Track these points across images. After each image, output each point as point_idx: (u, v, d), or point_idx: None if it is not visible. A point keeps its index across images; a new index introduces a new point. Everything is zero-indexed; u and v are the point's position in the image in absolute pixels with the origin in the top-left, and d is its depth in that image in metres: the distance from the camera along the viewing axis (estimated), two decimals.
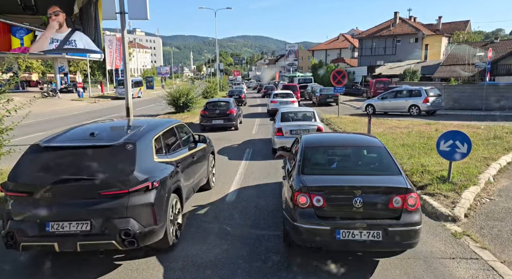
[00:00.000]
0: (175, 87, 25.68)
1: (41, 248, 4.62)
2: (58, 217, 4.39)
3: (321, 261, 4.79)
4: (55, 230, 4.37)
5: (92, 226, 4.37)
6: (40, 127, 19.53)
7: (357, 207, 4.42)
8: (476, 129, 14.22)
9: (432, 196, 6.94)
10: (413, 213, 4.44)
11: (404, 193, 4.46)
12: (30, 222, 4.41)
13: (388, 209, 4.45)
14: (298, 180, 4.78)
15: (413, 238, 4.42)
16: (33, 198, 4.43)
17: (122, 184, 4.47)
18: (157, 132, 5.58)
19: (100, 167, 4.53)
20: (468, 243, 5.26)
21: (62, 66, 52.55)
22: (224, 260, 4.92)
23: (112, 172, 4.53)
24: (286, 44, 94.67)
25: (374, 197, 4.52)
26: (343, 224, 4.40)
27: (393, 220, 4.41)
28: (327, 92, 29.58)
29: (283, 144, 9.98)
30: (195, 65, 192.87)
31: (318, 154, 5.63)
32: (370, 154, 5.58)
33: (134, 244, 4.44)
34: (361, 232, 4.36)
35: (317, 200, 4.50)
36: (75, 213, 4.40)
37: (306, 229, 4.47)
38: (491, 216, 6.25)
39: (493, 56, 26.50)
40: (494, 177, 8.22)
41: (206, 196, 7.51)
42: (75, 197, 4.42)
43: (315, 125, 11.27)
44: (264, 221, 6.20)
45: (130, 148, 4.76)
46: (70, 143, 4.96)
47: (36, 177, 4.59)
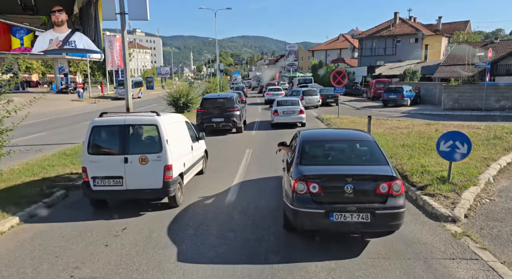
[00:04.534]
0: (175, 87, 25.67)
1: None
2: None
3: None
4: None
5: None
6: (42, 127, 19.55)
7: (349, 193, 4.97)
8: (476, 129, 14.22)
9: (432, 197, 6.94)
10: (398, 197, 5.03)
11: (390, 180, 5.03)
12: None
13: (376, 194, 5.02)
14: (297, 170, 5.36)
15: (397, 220, 5.03)
16: None
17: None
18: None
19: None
20: (468, 244, 5.26)
21: (62, 67, 52.51)
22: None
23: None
24: (286, 44, 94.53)
25: (364, 184, 5.09)
26: (336, 208, 4.96)
27: (380, 204, 4.97)
28: (327, 92, 29.59)
29: (279, 120, 17.55)
30: (195, 65, 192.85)
31: (315, 147, 6.26)
32: (361, 147, 6.18)
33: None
34: (351, 215, 4.93)
35: (313, 187, 5.06)
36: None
37: (304, 212, 5.04)
38: (491, 217, 6.25)
39: (493, 56, 26.44)
40: (494, 178, 8.23)
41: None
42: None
43: (299, 108, 17.61)
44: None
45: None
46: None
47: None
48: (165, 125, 6.95)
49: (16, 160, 9.39)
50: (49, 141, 14.63)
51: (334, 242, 5.40)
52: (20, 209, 6.71)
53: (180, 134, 7.89)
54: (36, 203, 7.04)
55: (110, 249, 5.34)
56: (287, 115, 17.57)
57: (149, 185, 6.68)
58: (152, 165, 6.66)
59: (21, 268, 4.82)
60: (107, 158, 6.74)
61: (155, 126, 6.83)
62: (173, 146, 6.98)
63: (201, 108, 16.55)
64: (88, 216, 6.73)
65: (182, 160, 7.48)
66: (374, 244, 5.32)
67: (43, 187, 7.84)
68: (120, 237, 5.76)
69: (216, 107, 16.25)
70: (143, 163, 6.64)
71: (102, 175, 6.64)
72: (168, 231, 5.95)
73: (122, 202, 7.35)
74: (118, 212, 6.87)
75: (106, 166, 6.67)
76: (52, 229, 6.10)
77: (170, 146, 6.85)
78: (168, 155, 6.72)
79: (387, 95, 27.80)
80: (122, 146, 6.72)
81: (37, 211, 6.83)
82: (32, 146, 8.85)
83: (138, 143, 7.16)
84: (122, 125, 6.79)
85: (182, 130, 8.14)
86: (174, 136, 7.26)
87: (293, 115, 17.53)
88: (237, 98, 17.95)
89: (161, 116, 7.13)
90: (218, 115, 16.02)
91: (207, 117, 16.05)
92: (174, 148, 7.00)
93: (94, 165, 6.66)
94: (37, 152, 9.79)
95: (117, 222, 6.37)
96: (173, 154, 6.88)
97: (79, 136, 15.59)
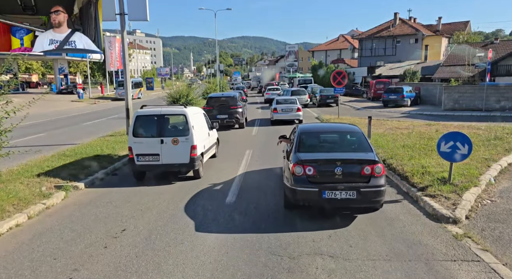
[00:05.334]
0: (175, 88, 25.67)
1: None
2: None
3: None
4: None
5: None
6: (41, 127, 19.51)
7: (338, 174, 6.00)
8: (476, 130, 14.18)
9: (433, 198, 6.90)
10: (379, 178, 6.05)
11: (373, 164, 6.06)
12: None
13: (361, 175, 6.04)
14: (295, 156, 6.42)
15: (379, 196, 6.06)
16: None
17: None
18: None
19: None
20: (470, 245, 5.22)
21: (62, 67, 52.50)
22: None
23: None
24: (286, 44, 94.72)
25: (351, 167, 6.10)
26: (328, 187, 5.98)
27: (364, 183, 5.99)
28: (327, 93, 29.55)
29: (278, 117, 19.05)
30: (195, 66, 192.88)
31: (310, 138, 7.32)
32: (350, 138, 7.25)
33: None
34: (340, 192, 5.94)
35: (308, 169, 6.10)
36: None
37: (301, 191, 6.07)
38: (493, 218, 6.21)
39: (493, 57, 26.42)
40: (495, 178, 8.18)
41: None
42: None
43: (296, 106, 19.17)
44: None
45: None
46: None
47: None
48: (191, 115, 9.02)
49: (15, 161, 9.39)
50: (49, 142, 14.61)
51: (337, 244, 5.37)
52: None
53: (201, 122, 9.92)
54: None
55: (109, 250, 5.31)
56: (285, 112, 19.21)
57: (179, 160, 8.73)
58: (182, 145, 8.69)
59: (19, 270, 4.79)
60: (147, 140, 8.78)
61: (183, 115, 8.94)
62: (197, 131, 9.05)
63: (207, 106, 17.80)
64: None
65: (202, 143, 9.50)
66: (374, 244, 5.29)
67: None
68: (119, 238, 5.73)
69: (221, 105, 17.69)
70: (174, 143, 8.69)
71: (143, 153, 8.72)
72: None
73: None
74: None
75: (146, 146, 8.72)
76: (51, 231, 6.07)
77: (195, 131, 8.89)
78: (194, 138, 8.78)
79: (387, 96, 27.78)
80: (159, 130, 8.80)
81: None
82: (31, 147, 8.83)
83: (170, 128, 9.39)
84: (159, 115, 8.90)
85: (202, 120, 10.16)
86: (197, 124, 9.34)
87: (291, 113, 19.14)
88: (239, 96, 19.57)
89: (188, 108, 9.27)
90: (223, 112, 17.44)
91: (213, 114, 17.03)
92: (197, 133, 9.03)
93: (137, 145, 8.73)
94: (36, 153, 9.76)
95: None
96: (196, 137, 8.91)
97: (78, 137, 15.59)
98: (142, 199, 7.69)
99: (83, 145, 12.74)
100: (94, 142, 13.51)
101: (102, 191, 8.39)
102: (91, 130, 18.05)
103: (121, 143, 13.02)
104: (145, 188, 8.55)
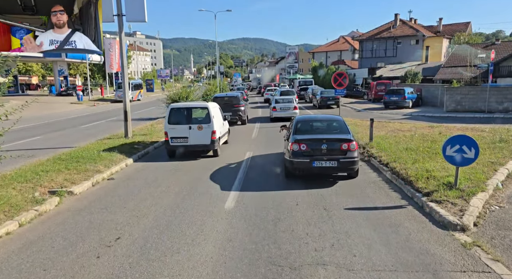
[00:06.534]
0: (174, 90, 25.46)
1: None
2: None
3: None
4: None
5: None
6: (38, 130, 19.30)
7: (324, 149, 8.39)
8: (481, 132, 13.93)
9: (439, 203, 6.64)
10: (353, 151, 8.45)
11: (349, 141, 8.48)
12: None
13: (340, 150, 8.42)
14: (293, 137, 8.81)
15: (353, 165, 8.46)
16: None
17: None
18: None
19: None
20: (479, 255, 4.97)
21: (62, 69, 52.35)
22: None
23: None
24: (287, 46, 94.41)
25: (333, 144, 8.46)
26: (316, 158, 8.36)
27: (342, 156, 8.38)
28: (328, 94, 29.30)
29: (277, 115, 21.44)
30: (196, 67, 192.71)
31: (304, 124, 9.77)
32: (334, 124, 9.71)
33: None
34: (326, 162, 8.29)
35: (302, 146, 8.48)
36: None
37: (297, 161, 8.46)
38: (502, 225, 5.96)
39: (495, 58, 26.21)
40: (502, 183, 7.93)
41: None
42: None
43: (293, 105, 21.88)
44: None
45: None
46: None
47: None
48: (211, 108, 12.08)
49: (8, 166, 9.17)
50: (45, 145, 14.38)
51: (340, 253, 5.13)
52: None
53: (218, 114, 12.87)
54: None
55: (102, 261, 5.07)
56: (283, 110, 21.71)
57: (203, 142, 11.65)
58: (205, 130, 11.60)
59: None
60: (178, 126, 11.65)
61: (206, 108, 12.01)
62: (216, 120, 11.98)
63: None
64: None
65: (219, 129, 12.29)
66: (379, 253, 5.05)
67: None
68: (113, 247, 5.49)
69: (225, 104, 18.95)
70: (199, 129, 11.60)
71: (175, 136, 11.65)
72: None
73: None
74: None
75: (178, 131, 11.63)
76: (42, 239, 5.83)
77: (214, 120, 11.83)
78: (214, 125, 11.71)
79: (389, 97, 27.54)
80: (188, 119, 11.83)
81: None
82: (26, 151, 8.59)
83: (196, 117, 12.29)
84: (187, 107, 12.09)
85: (218, 112, 13.09)
86: (216, 115, 12.34)
87: (288, 111, 21.54)
88: (241, 96, 22.00)
89: (209, 103, 12.76)
90: (227, 110, 18.34)
91: None
92: (216, 121, 11.94)
93: (171, 130, 11.63)
94: (30, 157, 9.52)
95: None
96: (215, 125, 11.79)
97: (75, 140, 15.38)
98: (139, 204, 7.46)
99: (80, 149, 12.49)
100: (91, 145, 13.26)
101: (98, 196, 8.16)
102: (89, 133, 17.83)
103: (118, 146, 12.80)
104: (142, 193, 8.34)
